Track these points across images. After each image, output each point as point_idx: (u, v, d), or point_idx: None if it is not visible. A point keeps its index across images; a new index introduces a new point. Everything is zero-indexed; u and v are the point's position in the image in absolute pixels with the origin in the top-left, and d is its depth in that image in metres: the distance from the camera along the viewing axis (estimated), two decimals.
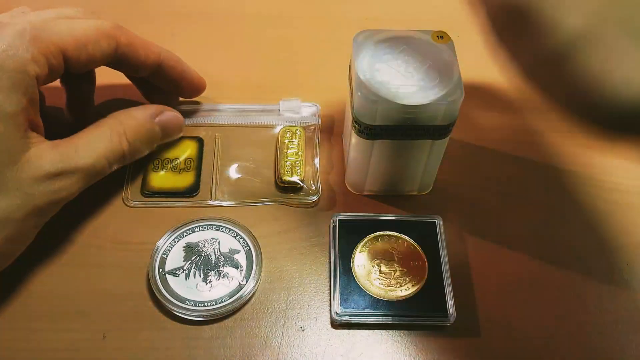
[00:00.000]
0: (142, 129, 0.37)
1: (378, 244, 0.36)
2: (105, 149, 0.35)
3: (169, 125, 0.39)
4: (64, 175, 0.33)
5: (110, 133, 0.35)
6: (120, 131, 0.36)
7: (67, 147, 0.33)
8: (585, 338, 0.34)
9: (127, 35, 0.37)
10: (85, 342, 0.33)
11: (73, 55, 0.34)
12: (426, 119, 0.33)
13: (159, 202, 0.39)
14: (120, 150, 0.36)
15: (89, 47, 0.34)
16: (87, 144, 0.34)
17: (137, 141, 0.37)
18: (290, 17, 0.52)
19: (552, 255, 0.37)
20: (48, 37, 0.33)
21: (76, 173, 0.33)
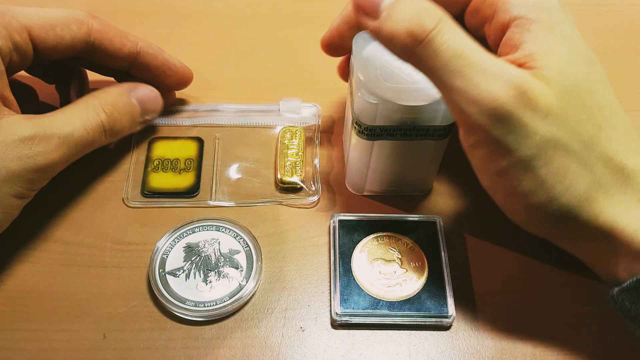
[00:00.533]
0: (118, 102, 0.37)
1: (378, 244, 0.36)
2: (82, 119, 0.34)
3: (145, 99, 0.39)
4: (40, 140, 0.32)
5: (86, 106, 0.35)
6: (95, 103, 0.36)
7: (42, 118, 0.33)
8: (586, 338, 0.34)
9: (100, 23, 0.37)
10: (85, 342, 0.33)
11: (39, 34, 0.34)
12: (426, 120, 0.33)
13: (159, 203, 0.39)
14: (98, 120, 0.35)
15: (57, 29, 0.35)
16: (62, 115, 0.34)
17: (115, 112, 0.36)
18: (291, 17, 0.52)
19: (552, 255, 0.37)
20: (11, 14, 0.33)
21: (52, 139, 0.33)
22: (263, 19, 0.51)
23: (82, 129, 0.34)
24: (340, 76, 0.40)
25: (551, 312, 0.35)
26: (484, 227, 0.38)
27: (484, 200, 0.39)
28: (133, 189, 0.39)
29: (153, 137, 0.42)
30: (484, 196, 0.40)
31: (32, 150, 0.32)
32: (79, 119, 0.34)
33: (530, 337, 0.34)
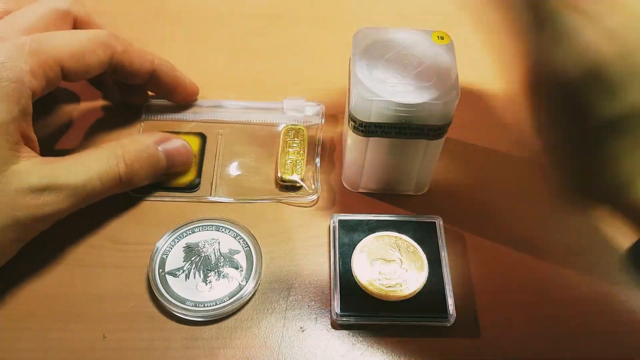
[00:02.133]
0: (143, 154, 0.36)
1: (378, 244, 0.36)
2: (99, 170, 0.34)
3: (174, 154, 0.38)
4: (50, 191, 0.32)
5: (107, 154, 0.35)
6: (118, 153, 0.35)
7: (59, 163, 0.33)
8: (586, 338, 0.34)
9: (122, 44, 0.37)
10: (85, 342, 0.33)
11: (70, 66, 0.34)
12: (421, 119, 0.33)
13: (159, 197, 0.39)
14: (115, 172, 0.35)
15: (86, 57, 0.35)
16: (81, 162, 0.34)
17: (136, 165, 0.36)
18: (297, 16, 0.52)
19: (552, 255, 0.37)
20: (46, 50, 0.33)
21: (64, 190, 0.32)
22: (269, 18, 0.51)
23: (97, 180, 0.34)
24: None
25: (551, 312, 0.35)
26: (484, 227, 0.38)
27: (484, 200, 0.40)
28: None
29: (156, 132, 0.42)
30: (484, 196, 0.40)
31: (41, 200, 0.32)
32: (96, 169, 0.34)
33: (530, 337, 0.34)
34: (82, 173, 0.33)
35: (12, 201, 0.31)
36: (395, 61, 0.34)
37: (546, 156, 0.42)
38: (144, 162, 0.36)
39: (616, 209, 0.27)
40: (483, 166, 0.41)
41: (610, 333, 0.34)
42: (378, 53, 0.34)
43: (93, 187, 0.34)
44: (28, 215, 0.32)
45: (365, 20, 0.51)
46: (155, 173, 0.38)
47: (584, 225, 0.39)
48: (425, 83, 0.33)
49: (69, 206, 0.33)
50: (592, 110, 0.26)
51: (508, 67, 0.45)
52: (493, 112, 0.45)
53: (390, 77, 0.33)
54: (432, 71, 0.34)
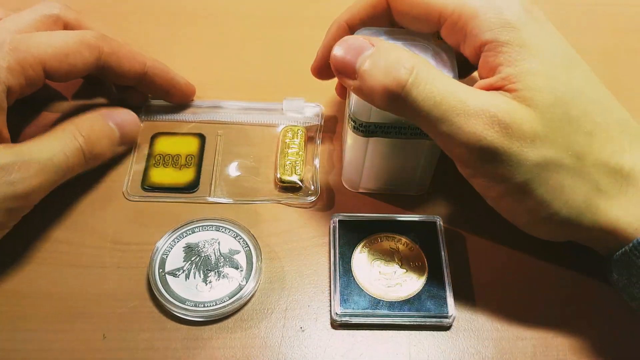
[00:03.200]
0: (94, 126, 0.37)
1: (378, 244, 0.36)
2: (60, 144, 0.35)
3: (123, 123, 0.39)
4: (19, 167, 0.32)
5: (62, 132, 0.35)
6: (71, 128, 0.36)
7: (21, 146, 0.33)
8: (585, 338, 0.34)
9: (110, 45, 0.37)
10: (85, 342, 0.33)
11: (53, 65, 0.34)
12: None
13: (159, 198, 0.39)
14: (76, 145, 0.35)
15: (69, 58, 0.35)
16: (40, 142, 0.34)
17: (93, 136, 0.36)
18: (296, 16, 0.52)
19: (552, 256, 0.37)
20: (27, 49, 0.33)
21: (31, 165, 0.32)
22: (268, 19, 0.51)
23: (61, 153, 0.34)
24: (338, 94, 0.42)
25: (552, 312, 0.35)
26: (484, 227, 0.38)
27: (484, 200, 0.40)
28: (133, 183, 0.39)
29: (155, 132, 0.42)
30: None
31: (12, 177, 0.32)
32: (57, 144, 0.35)
33: (530, 337, 0.34)
34: (46, 150, 0.34)
35: None
36: None
37: None
38: (99, 133, 0.37)
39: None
40: None
41: (611, 333, 0.34)
42: None
43: (59, 160, 0.34)
44: (1, 195, 0.31)
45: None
46: (112, 143, 0.38)
47: None
48: None
49: (41, 182, 0.33)
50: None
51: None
52: None
53: None
54: None
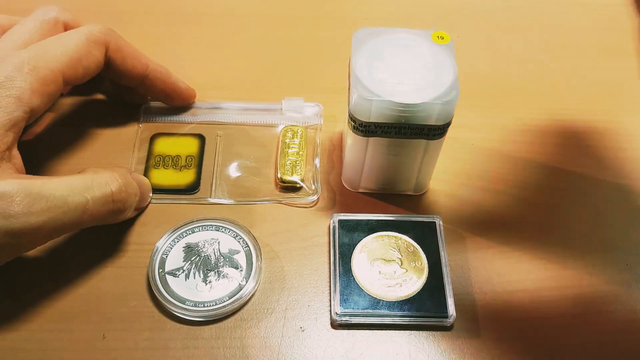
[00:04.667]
0: (126, 177, 0.34)
1: (378, 244, 0.36)
2: (84, 185, 0.31)
3: (142, 186, 0.37)
4: (21, 200, 0.28)
5: (93, 172, 0.32)
6: (106, 174, 0.33)
7: (35, 178, 0.30)
8: (585, 338, 0.34)
9: (116, 41, 0.37)
10: (85, 342, 0.33)
11: (71, 74, 0.34)
12: (420, 119, 0.33)
13: (159, 199, 0.39)
14: (107, 191, 0.32)
15: (83, 61, 0.35)
16: (62, 179, 0.30)
17: (126, 186, 0.34)
18: (295, 16, 0.52)
19: (551, 256, 0.37)
20: (46, 65, 0.33)
21: (38, 200, 0.28)
22: (267, 19, 0.51)
23: (81, 195, 0.30)
24: None
25: (552, 312, 0.35)
26: (484, 227, 0.38)
27: (484, 200, 0.40)
28: None
29: (155, 133, 0.42)
30: (483, 196, 0.40)
31: (9, 209, 0.27)
32: (80, 184, 0.30)
33: (530, 338, 0.34)
34: (63, 186, 0.30)
35: None
36: (395, 61, 0.34)
37: (546, 156, 0.42)
38: (130, 185, 0.34)
39: None
40: (483, 166, 0.41)
41: (611, 333, 0.34)
42: (378, 53, 0.34)
43: (77, 203, 0.30)
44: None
45: (365, 20, 0.51)
46: (136, 200, 0.36)
47: (585, 225, 0.39)
48: (425, 83, 0.33)
49: (43, 223, 0.29)
50: None
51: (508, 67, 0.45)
52: (493, 112, 0.45)
53: (390, 77, 0.33)
54: (432, 71, 0.34)
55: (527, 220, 0.39)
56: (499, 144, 0.43)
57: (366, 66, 0.34)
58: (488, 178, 0.41)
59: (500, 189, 0.40)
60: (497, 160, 0.42)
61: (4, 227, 0.27)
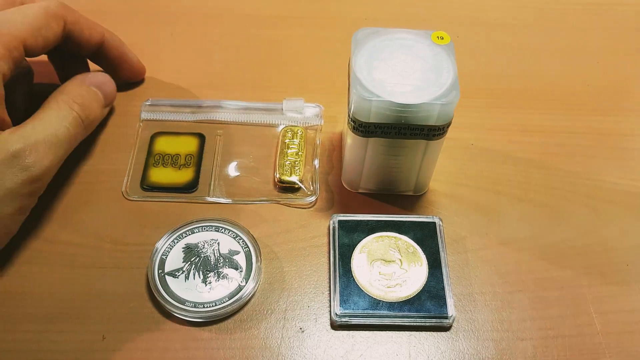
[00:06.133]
0: (82, 92, 0.38)
1: (378, 244, 0.36)
2: (59, 117, 0.35)
3: (101, 85, 0.40)
4: (30, 151, 0.32)
5: (57, 104, 0.36)
6: (65, 99, 0.36)
7: (24, 127, 0.34)
8: (585, 339, 0.34)
9: (72, 14, 0.38)
10: (84, 343, 0.33)
11: (31, 42, 0.35)
12: (420, 119, 0.33)
13: (158, 197, 0.39)
14: (74, 114, 0.36)
15: (42, 31, 0.36)
16: (40, 119, 0.35)
17: (85, 102, 0.37)
18: (292, 17, 0.52)
19: (551, 256, 0.37)
20: (8, 31, 0.34)
21: (40, 145, 0.33)
22: (263, 19, 0.51)
23: (63, 127, 0.35)
24: None
25: (552, 312, 0.35)
26: (484, 227, 0.38)
27: (484, 200, 0.40)
28: (132, 182, 0.39)
29: (155, 132, 0.42)
30: (483, 196, 0.40)
31: (25, 162, 0.32)
32: (57, 118, 0.35)
33: (530, 338, 0.34)
34: (47, 126, 0.34)
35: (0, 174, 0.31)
36: (395, 61, 0.34)
37: (546, 156, 0.42)
38: (87, 97, 0.38)
39: None
40: (483, 166, 0.41)
41: (611, 334, 0.34)
42: (378, 53, 0.34)
43: (63, 134, 0.35)
44: (18, 182, 0.32)
45: (365, 20, 0.51)
46: (100, 105, 0.39)
47: (585, 225, 0.39)
48: (425, 83, 0.33)
49: (52, 160, 0.34)
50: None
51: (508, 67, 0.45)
52: (493, 112, 0.45)
53: (390, 77, 0.33)
54: (432, 71, 0.34)
55: (527, 220, 0.39)
56: (499, 144, 0.43)
57: (366, 66, 0.34)
58: (488, 178, 0.41)
59: (500, 189, 0.40)
60: (497, 160, 0.42)
61: (28, 177, 0.32)
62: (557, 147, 0.43)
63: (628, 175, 0.41)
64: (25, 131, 0.33)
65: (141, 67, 0.45)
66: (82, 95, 0.38)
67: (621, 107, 0.46)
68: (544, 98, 0.46)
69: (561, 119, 0.45)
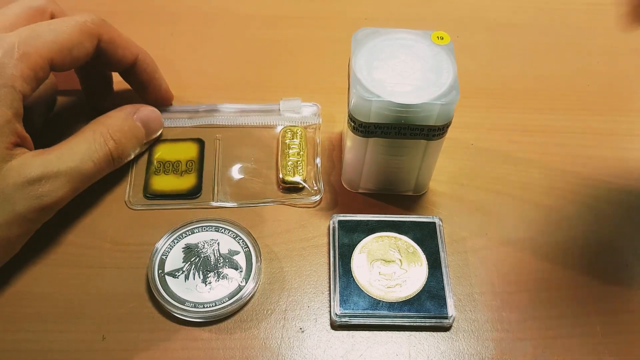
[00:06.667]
0: (124, 127, 0.37)
1: (378, 244, 0.36)
2: (90, 150, 0.35)
3: (148, 121, 0.39)
4: (47, 180, 0.32)
5: (92, 135, 0.35)
6: (103, 131, 0.36)
7: (50, 153, 0.33)
8: (585, 339, 0.34)
9: (109, 32, 0.37)
10: (84, 343, 0.33)
11: (59, 62, 0.34)
12: (420, 119, 0.33)
13: (162, 205, 0.39)
14: (106, 150, 0.36)
15: (73, 52, 0.35)
16: (70, 148, 0.34)
17: (123, 139, 0.37)
18: (292, 17, 0.52)
19: (551, 256, 0.37)
20: (36, 51, 0.33)
21: (60, 177, 0.33)
22: (263, 19, 0.51)
23: (90, 161, 0.35)
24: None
25: (552, 312, 0.35)
26: (484, 227, 0.38)
27: (484, 200, 0.40)
28: (135, 191, 0.39)
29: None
30: (483, 196, 0.40)
31: (40, 191, 0.32)
32: (86, 151, 0.35)
33: (530, 338, 0.34)
34: (74, 157, 0.34)
35: (12, 197, 0.31)
36: (395, 61, 0.34)
37: (546, 156, 0.42)
38: (128, 134, 0.37)
39: None
40: (483, 166, 0.41)
41: (611, 334, 0.34)
42: (378, 53, 0.34)
43: (88, 169, 0.34)
44: (29, 208, 0.32)
45: (365, 20, 0.51)
46: (139, 143, 0.39)
47: (585, 225, 0.39)
48: (425, 83, 0.33)
49: (67, 192, 0.34)
50: None
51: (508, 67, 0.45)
52: (493, 112, 0.45)
53: (390, 77, 0.33)
54: (432, 71, 0.34)
55: (527, 220, 0.39)
56: (499, 144, 0.43)
57: (366, 66, 0.34)
58: (488, 178, 0.41)
59: (500, 189, 0.40)
60: (497, 160, 0.42)
61: (39, 205, 0.32)
62: (557, 147, 0.43)
63: (627, 175, 0.41)
64: (50, 159, 0.33)
65: (169, 95, 0.43)
66: (122, 131, 0.37)
67: (621, 107, 0.46)
68: (544, 98, 0.46)
69: (561, 119, 0.45)
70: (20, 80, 0.32)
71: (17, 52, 0.32)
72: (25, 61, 0.32)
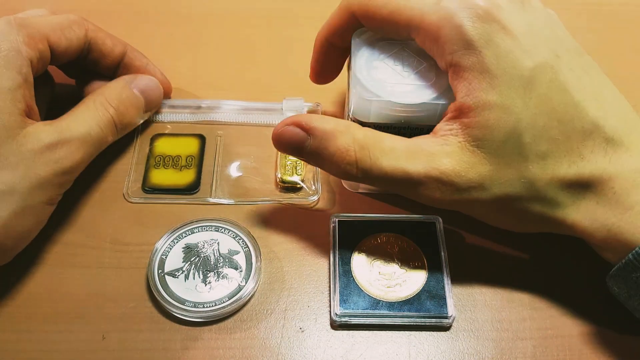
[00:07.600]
0: (122, 95, 0.38)
1: (378, 244, 0.36)
2: (95, 117, 0.36)
3: (146, 89, 0.40)
4: (62, 145, 0.34)
5: (94, 104, 0.37)
6: (102, 100, 0.37)
7: (60, 123, 0.35)
8: (585, 339, 0.34)
9: (93, 26, 0.39)
10: (84, 343, 0.33)
11: (55, 39, 0.36)
12: (420, 119, 0.33)
13: (159, 199, 0.39)
14: (108, 116, 0.37)
15: (65, 32, 0.36)
16: (76, 117, 0.36)
17: (121, 107, 0.38)
18: (294, 16, 0.52)
19: (551, 256, 0.37)
20: (31, 25, 0.35)
21: (73, 141, 0.34)
22: (265, 19, 0.51)
23: (97, 127, 0.36)
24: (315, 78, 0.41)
25: (551, 312, 0.35)
26: (483, 227, 0.38)
27: None
28: (134, 184, 0.39)
29: (155, 134, 0.42)
30: None
31: (58, 154, 0.33)
32: (92, 118, 0.36)
33: (530, 337, 0.34)
34: (83, 124, 0.35)
35: (32, 161, 0.32)
36: (395, 61, 0.34)
37: None
38: (126, 102, 0.39)
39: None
40: None
41: (611, 335, 0.34)
42: (378, 53, 0.34)
43: (96, 134, 0.36)
44: (49, 172, 0.33)
45: None
46: (138, 111, 0.40)
47: None
48: (425, 83, 0.33)
49: (83, 156, 0.35)
50: None
51: None
52: None
53: (390, 77, 0.33)
54: (432, 71, 0.34)
55: None
56: None
57: (365, 66, 0.34)
58: None
59: None
60: None
61: (60, 168, 0.33)
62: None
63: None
64: (60, 126, 0.34)
65: (167, 85, 0.43)
66: (120, 99, 0.38)
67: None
68: None
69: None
70: (25, 46, 0.34)
71: (14, 22, 0.34)
72: (24, 31, 0.34)
